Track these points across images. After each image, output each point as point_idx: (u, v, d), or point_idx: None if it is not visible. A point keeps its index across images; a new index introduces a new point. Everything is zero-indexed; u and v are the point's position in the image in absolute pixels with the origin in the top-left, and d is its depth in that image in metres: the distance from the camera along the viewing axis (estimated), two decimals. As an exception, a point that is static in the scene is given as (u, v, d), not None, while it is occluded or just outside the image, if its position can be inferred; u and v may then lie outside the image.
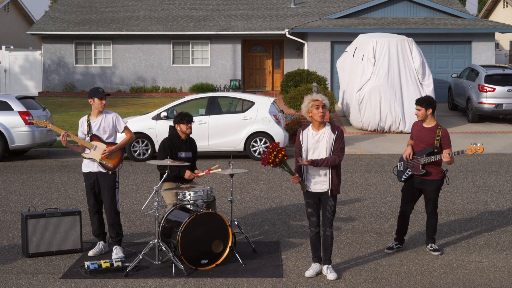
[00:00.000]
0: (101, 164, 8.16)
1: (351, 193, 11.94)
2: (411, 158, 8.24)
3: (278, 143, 7.38)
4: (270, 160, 7.17)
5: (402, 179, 8.36)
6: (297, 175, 7.27)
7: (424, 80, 19.73)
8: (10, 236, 9.22)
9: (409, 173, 8.24)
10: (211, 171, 8.54)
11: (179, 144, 8.66)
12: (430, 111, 8.14)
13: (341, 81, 22.85)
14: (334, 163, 7.22)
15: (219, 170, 8.49)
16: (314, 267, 7.50)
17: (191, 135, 8.89)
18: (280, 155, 7.16)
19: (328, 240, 7.37)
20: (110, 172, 8.19)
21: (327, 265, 7.42)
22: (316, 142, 7.26)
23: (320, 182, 7.31)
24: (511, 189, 12.25)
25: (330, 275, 7.33)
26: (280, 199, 11.53)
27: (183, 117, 8.65)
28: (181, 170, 8.51)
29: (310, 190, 7.38)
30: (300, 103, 20.54)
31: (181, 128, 8.66)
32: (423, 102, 8.15)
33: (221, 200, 11.08)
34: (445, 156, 7.92)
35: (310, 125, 7.37)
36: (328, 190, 7.30)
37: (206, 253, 7.65)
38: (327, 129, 7.26)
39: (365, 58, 19.97)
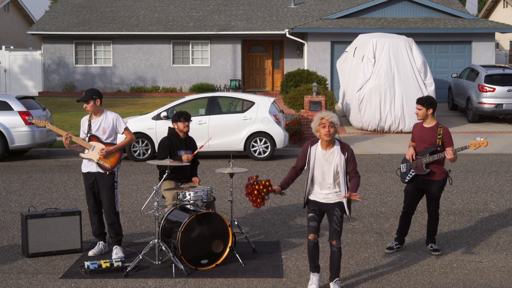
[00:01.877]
0: (98, 164, 8.17)
1: (351, 193, 11.93)
2: (414, 158, 8.23)
3: (254, 184, 6.86)
4: (259, 201, 6.81)
5: (406, 180, 8.32)
6: (278, 188, 6.90)
7: (426, 79, 19.74)
8: (10, 236, 9.22)
9: (413, 173, 8.22)
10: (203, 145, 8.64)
11: (178, 143, 8.66)
12: (430, 111, 8.14)
13: (341, 81, 22.85)
14: (359, 184, 6.93)
15: (210, 138, 8.59)
16: (315, 280, 7.01)
17: (190, 135, 8.90)
18: (263, 193, 6.80)
19: (335, 255, 6.87)
20: (108, 173, 8.19)
21: (334, 280, 6.95)
22: (325, 161, 6.87)
23: (328, 198, 6.94)
24: (511, 189, 12.25)
25: None
26: (280, 199, 11.53)
27: (180, 115, 8.67)
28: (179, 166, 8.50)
29: (316, 200, 6.99)
30: (300, 103, 20.54)
31: (179, 126, 8.68)
32: (424, 101, 8.14)
33: (221, 200, 11.08)
34: (448, 153, 7.90)
35: (319, 141, 6.97)
36: (340, 201, 6.89)
37: (206, 253, 7.65)
38: (337, 149, 6.86)
39: (365, 58, 19.96)
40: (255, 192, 6.79)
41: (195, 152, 8.65)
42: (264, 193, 6.79)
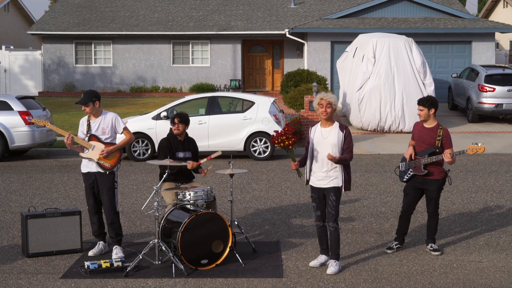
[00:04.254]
0: (98, 164, 8.17)
1: (351, 193, 11.93)
2: (413, 158, 8.25)
3: (294, 129, 7.58)
4: (277, 141, 7.51)
5: (404, 179, 8.36)
6: (297, 163, 7.54)
7: (426, 79, 19.75)
8: (10, 236, 9.22)
9: (411, 173, 8.24)
10: (212, 157, 8.54)
11: (176, 144, 8.66)
12: (432, 111, 8.15)
13: (341, 81, 22.84)
14: (348, 161, 7.48)
15: (220, 153, 8.54)
16: (320, 258, 7.73)
17: (190, 135, 8.90)
18: (289, 141, 7.48)
19: (333, 236, 7.52)
20: (107, 172, 8.19)
21: (333, 260, 7.56)
22: (323, 138, 7.43)
23: (323, 179, 7.47)
24: (511, 189, 12.25)
25: (329, 269, 7.47)
26: (280, 199, 11.53)
27: (172, 119, 8.69)
28: (181, 167, 8.51)
29: (313, 185, 7.54)
30: (300, 103, 20.54)
31: (173, 128, 8.72)
32: (425, 102, 8.15)
33: (221, 200, 11.08)
34: (446, 156, 7.92)
35: (320, 122, 7.59)
36: (339, 186, 7.45)
37: (206, 253, 7.65)
38: (335, 127, 7.45)
39: (365, 58, 19.97)
40: (283, 132, 7.47)
41: (200, 162, 8.63)
42: (292, 131, 7.47)
